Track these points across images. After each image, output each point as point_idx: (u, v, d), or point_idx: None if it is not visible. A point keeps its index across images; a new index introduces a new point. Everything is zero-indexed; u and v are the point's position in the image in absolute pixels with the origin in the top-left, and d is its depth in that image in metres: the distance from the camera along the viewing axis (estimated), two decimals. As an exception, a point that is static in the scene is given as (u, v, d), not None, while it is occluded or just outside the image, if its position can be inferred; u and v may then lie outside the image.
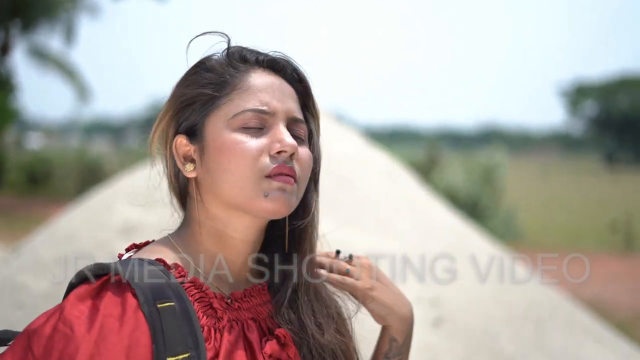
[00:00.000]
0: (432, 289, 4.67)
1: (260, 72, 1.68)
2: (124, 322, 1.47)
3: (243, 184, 1.60)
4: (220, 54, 1.71)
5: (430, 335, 4.38)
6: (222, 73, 1.66)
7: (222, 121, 1.62)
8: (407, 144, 44.32)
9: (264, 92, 1.64)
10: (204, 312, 1.58)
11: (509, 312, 4.74)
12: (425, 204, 5.96)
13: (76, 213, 5.08)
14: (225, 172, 1.60)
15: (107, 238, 4.42)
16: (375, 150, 6.50)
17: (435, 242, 5.16)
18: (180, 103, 1.66)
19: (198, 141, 1.64)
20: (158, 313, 1.49)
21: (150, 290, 1.50)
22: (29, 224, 17.20)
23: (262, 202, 1.60)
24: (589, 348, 4.75)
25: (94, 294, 1.50)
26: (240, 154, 1.59)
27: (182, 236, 1.69)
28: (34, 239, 5.03)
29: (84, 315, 1.47)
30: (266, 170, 1.60)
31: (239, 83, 1.65)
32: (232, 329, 1.60)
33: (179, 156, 1.66)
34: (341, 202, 5.36)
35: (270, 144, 1.61)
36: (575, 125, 75.55)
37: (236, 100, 1.63)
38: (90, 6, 24.92)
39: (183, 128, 1.66)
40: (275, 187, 1.60)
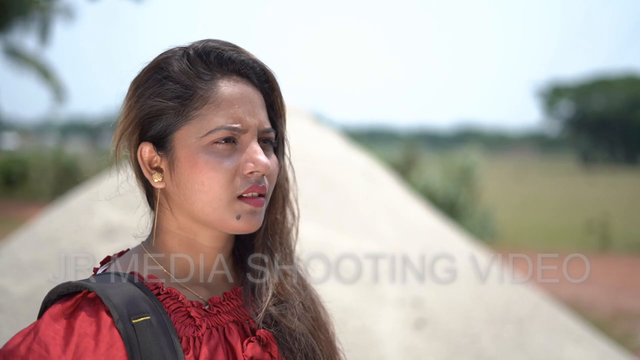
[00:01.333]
0: (414, 291, 4.68)
1: (227, 79, 1.63)
2: (99, 341, 1.47)
3: (216, 205, 1.59)
4: (179, 56, 1.64)
5: (413, 337, 4.39)
6: (189, 85, 1.61)
7: (194, 137, 1.59)
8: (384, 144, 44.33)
9: (235, 105, 1.61)
10: (182, 322, 1.58)
11: (489, 312, 4.76)
12: (404, 205, 5.97)
13: (56, 215, 5.05)
14: (198, 192, 1.59)
15: (87, 240, 4.40)
16: (353, 151, 6.51)
17: (414, 242, 5.17)
18: (147, 114, 1.62)
19: (166, 152, 1.62)
20: (134, 329, 1.49)
21: (125, 306, 1.50)
22: (5, 225, 17.07)
23: (234, 222, 1.61)
24: (569, 348, 4.78)
25: (68, 312, 1.50)
26: (214, 176, 1.58)
27: (155, 244, 1.68)
28: (13, 242, 4.99)
29: (59, 335, 1.47)
30: (239, 191, 1.60)
31: (208, 95, 1.60)
32: (212, 335, 1.60)
33: (145, 164, 1.64)
34: (321, 203, 5.36)
35: (243, 164, 1.60)
36: (551, 125, 75.89)
37: (207, 116, 1.59)
38: (65, 6, 24.76)
39: (149, 136, 1.63)
40: (247, 210, 1.61)
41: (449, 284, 4.79)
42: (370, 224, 5.33)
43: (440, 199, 16.63)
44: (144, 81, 1.64)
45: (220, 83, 1.62)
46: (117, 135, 1.66)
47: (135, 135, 1.64)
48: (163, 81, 1.62)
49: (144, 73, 1.65)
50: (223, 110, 1.60)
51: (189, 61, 1.63)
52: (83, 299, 1.52)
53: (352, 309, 4.42)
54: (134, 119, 1.63)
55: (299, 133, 6.18)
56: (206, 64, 1.63)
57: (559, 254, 4.60)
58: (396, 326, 4.42)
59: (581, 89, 68.84)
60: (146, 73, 1.65)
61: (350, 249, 4.81)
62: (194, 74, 1.62)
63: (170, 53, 1.65)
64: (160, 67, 1.64)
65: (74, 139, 47.44)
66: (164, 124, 1.61)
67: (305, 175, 5.60)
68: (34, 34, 24.76)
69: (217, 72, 1.63)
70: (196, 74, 1.62)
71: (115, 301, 1.50)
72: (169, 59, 1.64)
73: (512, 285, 5.19)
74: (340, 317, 4.54)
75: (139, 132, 1.64)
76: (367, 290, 4.58)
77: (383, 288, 4.63)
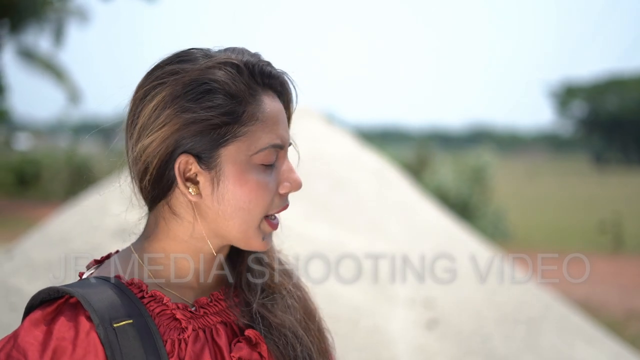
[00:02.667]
0: (425, 291, 4.68)
1: (268, 95, 1.61)
2: (77, 345, 1.46)
3: (252, 224, 1.59)
4: (225, 67, 1.57)
5: (424, 337, 4.39)
6: (241, 100, 1.56)
7: (244, 155, 1.57)
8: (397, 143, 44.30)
9: (278, 123, 1.61)
10: (167, 325, 1.57)
11: (500, 313, 4.76)
12: (416, 205, 5.97)
13: (69, 215, 5.07)
14: (241, 210, 1.58)
15: (100, 240, 4.41)
16: (366, 151, 6.51)
17: (426, 242, 5.17)
18: (192, 129, 1.55)
19: (209, 167, 1.57)
20: (115, 333, 1.48)
21: (106, 310, 1.49)
22: (18, 225, 17.15)
23: (259, 243, 1.62)
24: (581, 348, 4.77)
25: (48, 318, 1.50)
26: (262, 195, 1.58)
27: (150, 248, 1.65)
28: (27, 241, 5.01)
29: (37, 341, 1.46)
30: (273, 210, 1.62)
31: (256, 112, 1.58)
32: (198, 337, 1.59)
33: (181, 175, 1.57)
34: (333, 204, 5.37)
35: (281, 182, 1.62)
36: (564, 125, 75.71)
37: (256, 133, 1.57)
38: (79, 7, 24.84)
39: (189, 148, 1.56)
40: (268, 232, 1.63)
41: (461, 284, 4.79)
42: (382, 224, 5.33)
43: (453, 199, 16.62)
44: (184, 92, 1.56)
45: (264, 99, 1.60)
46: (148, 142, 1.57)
47: (169, 146, 1.57)
48: (212, 93, 1.56)
49: (183, 83, 1.56)
50: (269, 127, 1.59)
51: (239, 74, 1.58)
52: (65, 304, 1.51)
53: (364, 309, 4.43)
54: (174, 131, 1.56)
55: (311, 133, 6.19)
56: (253, 78, 1.60)
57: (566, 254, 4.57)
58: (407, 326, 4.43)
59: (594, 89, 68.68)
60: (187, 83, 1.56)
61: (362, 249, 4.81)
62: (245, 89, 1.58)
63: (211, 63, 1.58)
64: (206, 77, 1.56)
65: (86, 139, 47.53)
66: (210, 139, 1.56)
67: (317, 175, 5.61)
68: (48, 35, 24.85)
69: (260, 87, 1.61)
70: (247, 88, 1.58)
71: (96, 306, 1.49)
72: (213, 70, 1.57)
73: (524, 285, 5.19)
74: (352, 317, 4.55)
75: (174, 144, 1.56)
76: (378, 290, 4.58)
77: (394, 288, 4.63)
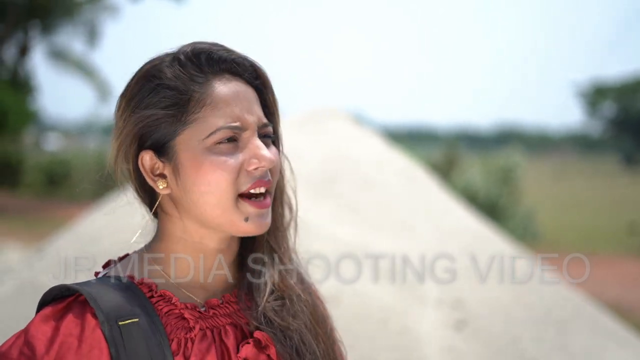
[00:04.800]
0: (454, 291, 4.66)
1: (220, 79, 1.62)
2: (82, 341, 1.49)
3: (225, 206, 1.59)
4: (170, 61, 1.63)
5: (453, 338, 4.38)
6: (184, 90, 1.60)
7: (195, 140, 1.59)
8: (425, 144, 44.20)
9: (232, 104, 1.61)
10: (174, 324, 1.58)
11: (530, 314, 4.73)
12: (445, 205, 5.95)
13: (99, 215, 5.10)
14: (205, 194, 1.59)
15: (129, 239, 4.43)
16: (394, 152, 6.50)
17: (454, 243, 5.16)
18: (144, 125, 1.61)
19: (168, 158, 1.62)
20: (120, 331, 1.51)
21: (113, 308, 1.53)
22: (48, 225, 17.28)
23: (244, 225, 1.61)
24: (612, 350, 4.74)
25: (58, 315, 1.53)
26: (220, 175, 1.58)
27: (156, 248, 1.69)
28: (57, 241, 5.05)
29: (45, 336, 1.49)
30: (243, 187, 1.60)
31: (204, 98, 1.60)
32: (205, 336, 1.60)
33: (147, 172, 1.63)
34: (360, 204, 5.36)
35: (248, 160, 1.60)
36: (594, 125, 75.18)
37: (207, 118, 1.59)
38: (110, 7, 25.02)
39: (149, 145, 1.62)
40: (253, 213, 1.61)
41: (490, 285, 4.77)
42: (410, 224, 5.32)
43: (481, 200, 16.56)
44: (135, 92, 1.62)
45: (214, 84, 1.61)
46: (115, 150, 1.65)
47: (133, 147, 1.63)
48: (157, 89, 1.61)
49: (135, 84, 1.64)
50: (221, 111, 1.60)
51: (180, 65, 1.62)
52: (75, 301, 1.54)
53: (393, 310, 4.42)
54: (131, 131, 1.62)
55: (339, 134, 6.19)
56: (198, 66, 1.62)
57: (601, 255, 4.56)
58: (436, 327, 4.41)
59: (623, 88, 68.13)
60: (137, 83, 1.63)
61: (390, 249, 4.80)
62: (187, 78, 1.60)
63: (158, 60, 1.64)
64: (151, 75, 1.62)
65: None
66: (163, 132, 1.60)
67: (345, 176, 5.61)
68: (80, 35, 25.06)
69: (209, 73, 1.62)
70: (189, 78, 1.61)
71: (102, 304, 1.52)
72: (159, 66, 1.63)
73: (553, 286, 5.15)
74: (381, 318, 4.54)
75: (136, 144, 1.63)
76: (407, 291, 4.57)
77: (423, 288, 4.62)
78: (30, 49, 24.47)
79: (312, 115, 6.25)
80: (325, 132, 6.10)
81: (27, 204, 23.96)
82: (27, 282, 4.61)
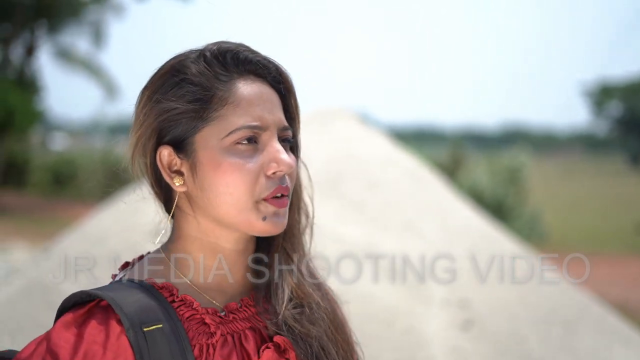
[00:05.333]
0: (460, 292, 4.66)
1: (244, 79, 1.62)
2: (107, 349, 1.48)
3: (242, 207, 1.58)
4: (195, 58, 1.63)
5: (459, 338, 4.38)
6: (208, 87, 1.59)
7: (215, 139, 1.58)
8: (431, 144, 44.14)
9: (255, 104, 1.60)
10: (196, 330, 1.58)
11: (536, 314, 4.73)
12: (451, 205, 5.95)
13: (106, 214, 5.11)
14: (223, 194, 1.58)
15: (137, 239, 4.44)
16: (400, 151, 6.49)
17: (460, 243, 5.16)
18: (165, 119, 1.61)
19: (187, 155, 1.61)
20: (144, 337, 1.50)
21: (137, 314, 1.51)
22: (54, 224, 17.31)
23: (260, 224, 1.59)
24: (619, 350, 4.73)
25: (80, 321, 1.51)
26: (238, 177, 1.57)
27: (174, 249, 1.68)
28: (64, 240, 5.06)
29: (69, 344, 1.48)
30: (264, 193, 1.59)
31: (227, 96, 1.59)
32: (226, 342, 1.59)
33: (164, 168, 1.63)
34: (367, 204, 5.36)
35: (267, 163, 1.59)
36: (600, 125, 75.02)
37: (228, 117, 1.58)
38: (116, 6, 25.03)
39: (167, 140, 1.62)
40: (272, 212, 1.59)
41: (495, 285, 4.77)
42: (416, 224, 5.32)
43: (488, 199, 16.54)
44: (159, 85, 1.62)
45: (238, 83, 1.61)
46: (133, 143, 1.64)
47: (152, 141, 1.63)
48: (181, 84, 1.60)
49: (159, 77, 1.63)
50: (242, 110, 1.59)
51: (206, 62, 1.61)
52: (96, 307, 1.53)
53: (399, 309, 4.42)
54: (151, 124, 1.62)
55: (345, 133, 6.19)
56: (223, 65, 1.62)
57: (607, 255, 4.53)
58: (442, 327, 4.41)
59: (630, 88, 67.96)
60: (161, 77, 1.63)
61: (396, 249, 4.80)
62: (212, 75, 1.60)
63: (183, 56, 1.64)
64: (176, 70, 1.62)
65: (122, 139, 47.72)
66: (183, 128, 1.60)
67: (351, 176, 5.61)
68: (86, 35, 25.08)
69: (234, 73, 1.62)
70: (214, 75, 1.60)
71: (127, 310, 1.50)
72: (184, 62, 1.62)
73: (559, 287, 5.15)
74: (387, 318, 4.54)
75: (155, 138, 1.63)
76: (414, 291, 4.57)
77: (429, 289, 4.62)
78: (37, 49, 24.50)
79: (317, 115, 6.25)
80: (330, 131, 6.09)
81: (33, 204, 24.00)
82: (33, 282, 4.62)
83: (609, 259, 15.21)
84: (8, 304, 4.65)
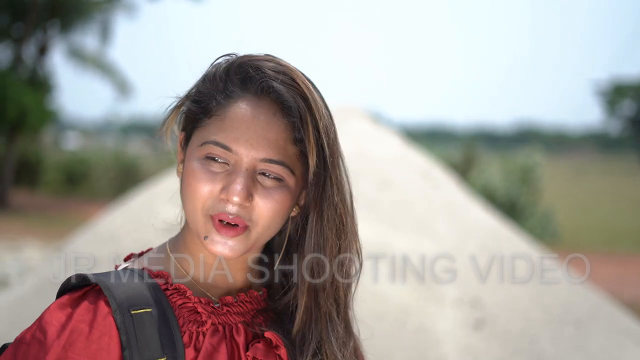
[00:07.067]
0: (473, 291, 4.66)
1: (248, 100, 1.59)
2: (93, 327, 1.51)
3: (196, 216, 1.59)
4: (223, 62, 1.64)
5: (471, 337, 4.37)
6: (211, 94, 1.61)
7: (196, 144, 1.60)
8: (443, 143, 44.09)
9: (236, 127, 1.57)
10: (187, 317, 1.59)
11: (548, 313, 4.72)
12: (463, 204, 5.94)
13: (118, 214, 5.12)
14: (187, 197, 1.60)
15: (149, 238, 4.45)
16: (412, 151, 6.49)
17: (473, 242, 5.15)
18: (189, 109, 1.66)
19: (185, 149, 1.66)
20: (132, 319, 1.52)
21: (127, 297, 1.54)
22: (66, 223, 17.36)
23: (203, 241, 1.59)
24: (630, 349, 4.72)
25: (74, 303, 1.55)
26: (196, 185, 1.57)
27: (179, 244, 1.69)
28: (76, 239, 5.07)
29: (59, 322, 1.51)
30: (210, 210, 1.57)
31: (218, 109, 1.60)
32: (217, 331, 1.61)
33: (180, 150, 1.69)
34: (379, 203, 5.36)
35: (224, 187, 1.56)
36: (613, 124, 74.72)
37: (209, 128, 1.59)
38: (126, 6, 25.09)
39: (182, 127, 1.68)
40: (213, 233, 1.58)
41: (508, 285, 4.77)
42: (429, 223, 5.31)
43: (500, 199, 16.51)
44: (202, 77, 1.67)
45: (238, 102, 1.59)
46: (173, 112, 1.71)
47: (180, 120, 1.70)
48: (200, 84, 1.65)
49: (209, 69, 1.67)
50: (223, 127, 1.58)
51: (224, 72, 1.62)
52: (91, 290, 1.56)
53: (411, 309, 4.42)
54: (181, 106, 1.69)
55: (358, 132, 6.19)
56: (232, 80, 1.61)
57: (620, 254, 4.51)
58: (455, 326, 4.41)
59: (644, 87, 67.67)
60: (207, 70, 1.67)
61: (409, 248, 4.80)
62: (221, 86, 1.62)
63: (222, 58, 1.66)
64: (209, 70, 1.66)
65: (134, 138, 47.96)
66: (190, 123, 1.65)
67: (363, 175, 5.61)
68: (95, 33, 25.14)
69: (239, 90, 1.60)
70: (222, 86, 1.61)
71: (116, 293, 1.53)
72: (216, 64, 1.66)
73: (571, 286, 5.14)
74: (399, 317, 4.54)
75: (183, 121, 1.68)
76: (426, 290, 4.57)
77: (442, 288, 4.62)
78: (49, 49, 24.57)
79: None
80: (343, 130, 6.08)
81: (46, 203, 24.09)
82: (46, 281, 4.64)
83: (621, 258, 15.17)
84: (21, 302, 4.67)
